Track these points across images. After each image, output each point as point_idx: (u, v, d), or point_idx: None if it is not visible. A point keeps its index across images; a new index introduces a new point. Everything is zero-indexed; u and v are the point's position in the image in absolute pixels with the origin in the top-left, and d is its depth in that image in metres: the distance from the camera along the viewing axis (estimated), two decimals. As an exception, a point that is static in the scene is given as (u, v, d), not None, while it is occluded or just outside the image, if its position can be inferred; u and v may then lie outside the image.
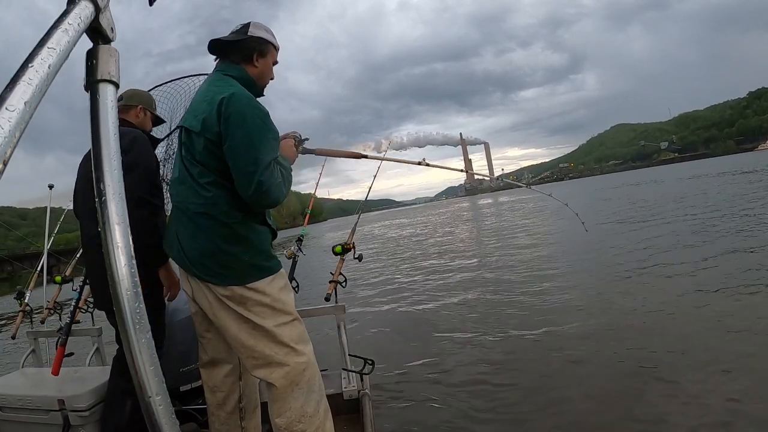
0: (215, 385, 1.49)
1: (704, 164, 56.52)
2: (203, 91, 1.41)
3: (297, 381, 1.34)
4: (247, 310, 1.31)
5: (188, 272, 1.37)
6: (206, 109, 1.31)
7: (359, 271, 8.41)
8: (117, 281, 0.44)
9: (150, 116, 1.95)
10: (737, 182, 16.32)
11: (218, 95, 1.30)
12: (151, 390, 0.45)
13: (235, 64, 1.43)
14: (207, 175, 1.31)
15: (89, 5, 0.43)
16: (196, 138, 1.32)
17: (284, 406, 1.32)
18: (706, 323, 3.25)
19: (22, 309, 2.87)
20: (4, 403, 1.51)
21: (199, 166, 1.32)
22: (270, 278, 1.36)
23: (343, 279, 2.17)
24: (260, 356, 1.32)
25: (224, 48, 1.44)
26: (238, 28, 1.45)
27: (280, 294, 1.37)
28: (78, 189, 1.91)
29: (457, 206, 52.50)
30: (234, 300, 1.31)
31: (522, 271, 6.32)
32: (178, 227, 1.37)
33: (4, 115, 0.32)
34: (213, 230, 1.30)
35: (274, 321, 1.34)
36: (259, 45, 1.44)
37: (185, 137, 1.38)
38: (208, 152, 1.31)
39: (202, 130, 1.30)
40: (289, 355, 1.34)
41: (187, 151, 1.35)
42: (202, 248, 1.31)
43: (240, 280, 1.31)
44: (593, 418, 2.27)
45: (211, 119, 1.28)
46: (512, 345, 3.48)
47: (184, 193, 1.35)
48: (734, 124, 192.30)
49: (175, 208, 1.39)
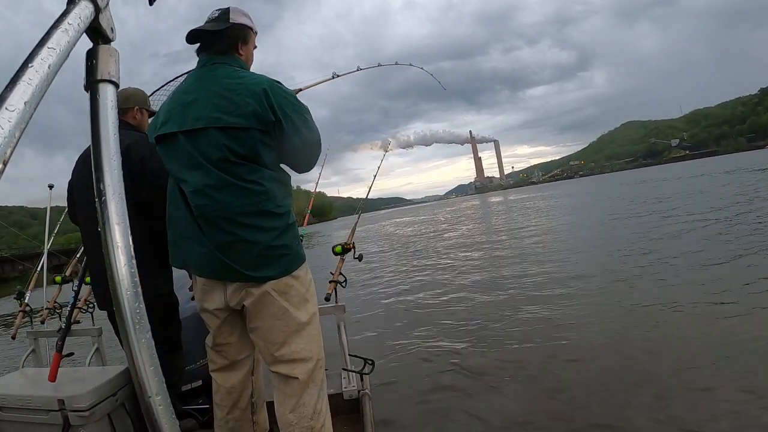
0: (233, 386, 1.46)
1: (716, 162, 56.21)
2: (219, 84, 1.28)
3: (314, 377, 1.34)
4: (287, 300, 1.30)
5: (232, 281, 1.29)
6: (249, 101, 1.23)
7: (359, 271, 8.42)
8: (117, 281, 0.44)
9: (147, 114, 1.95)
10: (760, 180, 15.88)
11: (255, 86, 1.25)
12: (151, 390, 0.45)
13: (224, 54, 1.35)
14: (256, 170, 1.26)
15: (89, 5, 0.43)
16: (243, 134, 1.23)
17: (299, 401, 1.31)
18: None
19: (22, 309, 2.87)
20: (4, 403, 1.51)
21: (246, 163, 1.25)
22: (306, 267, 1.38)
23: (343, 279, 2.17)
24: (287, 352, 1.31)
25: (208, 38, 1.36)
26: (216, 15, 1.37)
27: (311, 286, 1.40)
28: (74, 190, 1.91)
29: (468, 204, 52.39)
30: (278, 290, 1.29)
31: (527, 271, 6.32)
32: (216, 236, 1.25)
33: (4, 115, 0.32)
34: (271, 223, 1.26)
35: (306, 313, 1.35)
36: (241, 32, 1.39)
37: (219, 137, 1.23)
38: (261, 144, 1.25)
39: (250, 124, 1.23)
40: (313, 350, 1.35)
41: (227, 151, 1.23)
42: (259, 246, 1.25)
43: (290, 268, 1.31)
44: (602, 418, 2.27)
45: (263, 110, 1.23)
46: (514, 345, 3.48)
47: (228, 198, 1.23)
48: (745, 121, 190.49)
49: (211, 219, 1.25)
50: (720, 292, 3.91)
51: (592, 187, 34.96)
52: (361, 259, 2.34)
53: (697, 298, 3.86)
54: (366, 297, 6.37)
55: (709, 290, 4.03)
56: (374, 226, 30.77)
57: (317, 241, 22.41)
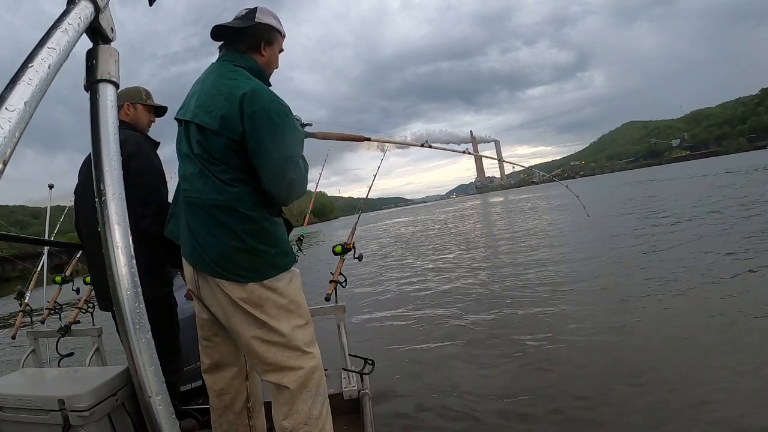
0: (222, 389, 1.44)
1: (718, 162, 56.21)
2: (213, 82, 1.29)
3: (307, 384, 1.31)
4: (263, 313, 1.26)
5: (203, 272, 1.28)
6: (224, 105, 1.21)
7: (360, 270, 8.41)
8: (117, 281, 0.44)
9: (142, 108, 1.93)
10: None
11: (236, 90, 1.21)
12: (151, 390, 0.45)
13: (240, 54, 1.34)
14: (229, 172, 1.24)
15: (89, 5, 0.43)
16: (213, 137, 1.23)
17: (292, 408, 1.29)
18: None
19: (22, 309, 2.86)
20: (4, 403, 1.51)
21: (219, 164, 1.24)
22: (288, 278, 1.31)
23: (343, 279, 2.17)
24: (272, 362, 1.29)
25: (230, 35, 1.35)
26: (243, 14, 1.36)
27: (297, 296, 1.33)
28: (79, 192, 1.91)
29: (469, 204, 52.38)
30: (251, 303, 1.25)
31: (528, 271, 6.31)
32: (193, 224, 1.28)
33: (4, 115, 0.33)
34: (239, 225, 1.23)
35: (289, 325, 1.29)
36: (266, 32, 1.36)
37: (197, 133, 1.26)
38: (231, 151, 1.23)
39: (220, 128, 1.21)
40: (301, 359, 1.31)
41: (202, 148, 1.25)
42: (226, 245, 1.23)
43: (261, 275, 1.25)
44: (600, 421, 2.27)
45: (232, 117, 1.20)
46: (515, 345, 3.48)
47: (203, 188, 1.25)
48: (746, 121, 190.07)
49: (191, 204, 1.28)
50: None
51: (597, 187, 34.98)
52: (361, 259, 2.34)
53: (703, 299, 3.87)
54: (366, 297, 6.37)
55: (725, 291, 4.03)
56: (375, 225, 30.76)
57: (317, 241, 22.41)
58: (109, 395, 1.52)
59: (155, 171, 1.73)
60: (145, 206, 1.62)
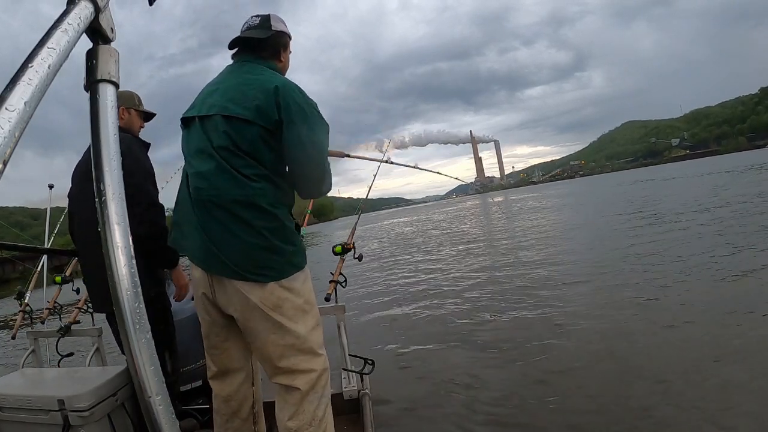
0: (229, 395, 1.42)
1: (718, 161, 56.21)
2: (240, 78, 1.31)
3: (316, 386, 1.31)
4: (282, 314, 1.25)
5: (220, 275, 1.26)
6: (257, 95, 1.23)
7: (360, 270, 8.41)
8: (117, 281, 0.44)
9: (135, 113, 1.95)
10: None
11: (268, 83, 1.24)
12: (151, 390, 0.45)
13: (264, 60, 1.38)
14: (254, 167, 1.23)
15: (89, 5, 0.43)
16: (246, 126, 1.23)
17: (299, 409, 1.29)
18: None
19: (22, 309, 2.87)
20: (4, 403, 1.51)
21: (245, 157, 1.23)
22: (303, 277, 1.32)
23: (343, 279, 2.17)
24: (286, 366, 1.28)
25: (255, 47, 1.39)
26: (257, 23, 1.39)
27: (310, 296, 1.34)
28: (73, 194, 1.91)
29: (469, 204, 52.35)
30: (270, 303, 1.24)
31: (528, 271, 6.31)
32: (208, 224, 1.24)
33: (4, 115, 0.33)
34: (260, 222, 1.22)
35: (305, 326, 1.30)
36: (282, 39, 1.42)
37: (224, 125, 1.25)
38: (262, 142, 1.23)
39: (255, 117, 1.22)
40: (312, 361, 1.31)
41: (229, 140, 1.23)
42: (246, 242, 1.22)
43: (280, 274, 1.25)
44: (597, 423, 2.27)
45: (268, 107, 1.21)
46: (517, 346, 3.47)
47: (223, 183, 1.23)
48: (746, 121, 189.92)
49: (206, 203, 1.25)
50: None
51: (597, 187, 34.97)
52: (361, 259, 2.35)
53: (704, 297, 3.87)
54: (366, 297, 6.37)
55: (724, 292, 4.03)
56: (375, 225, 30.77)
57: (318, 241, 22.40)
58: (109, 395, 1.52)
59: (142, 171, 1.73)
60: (132, 206, 1.62)
